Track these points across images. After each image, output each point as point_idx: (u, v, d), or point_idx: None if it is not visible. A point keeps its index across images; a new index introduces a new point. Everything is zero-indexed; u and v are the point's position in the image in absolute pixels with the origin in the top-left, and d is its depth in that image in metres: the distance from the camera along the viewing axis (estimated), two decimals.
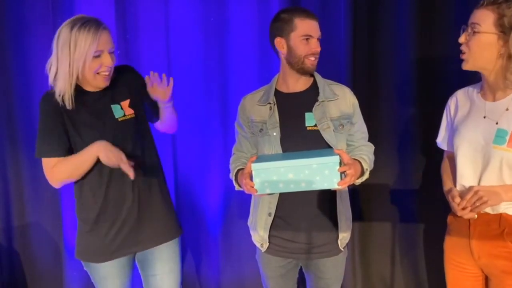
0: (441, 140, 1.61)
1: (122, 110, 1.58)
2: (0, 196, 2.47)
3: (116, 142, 1.50)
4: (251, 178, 1.37)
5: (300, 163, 1.31)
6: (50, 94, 1.51)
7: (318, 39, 1.55)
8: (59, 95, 1.48)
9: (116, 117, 1.56)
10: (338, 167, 1.30)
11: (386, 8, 2.13)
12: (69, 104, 1.48)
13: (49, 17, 2.28)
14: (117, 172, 1.52)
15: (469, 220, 1.44)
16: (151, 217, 1.62)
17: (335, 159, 1.30)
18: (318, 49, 1.54)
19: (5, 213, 2.48)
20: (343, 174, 1.35)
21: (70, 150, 1.53)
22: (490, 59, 1.35)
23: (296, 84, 1.61)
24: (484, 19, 1.32)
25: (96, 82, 1.51)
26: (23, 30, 2.33)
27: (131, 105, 1.60)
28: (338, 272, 1.68)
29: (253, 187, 1.36)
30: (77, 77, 1.48)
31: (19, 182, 2.46)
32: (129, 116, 1.59)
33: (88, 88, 1.55)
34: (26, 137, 2.40)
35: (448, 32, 2.06)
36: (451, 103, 1.56)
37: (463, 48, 1.38)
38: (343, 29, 2.15)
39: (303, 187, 1.32)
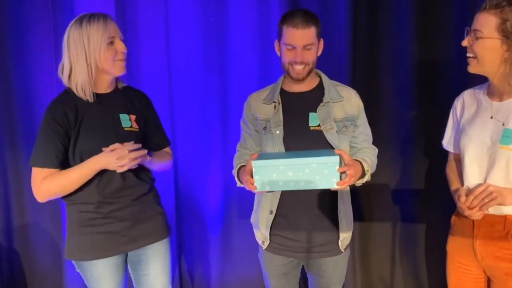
0: (447, 142, 1.60)
1: (130, 121, 1.60)
2: (0, 196, 2.47)
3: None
4: (251, 175, 1.38)
5: (300, 162, 1.31)
6: (54, 103, 1.53)
7: (305, 47, 1.50)
8: (82, 90, 1.51)
9: (123, 125, 1.58)
10: (337, 167, 1.30)
11: (386, 8, 2.13)
12: (90, 98, 1.52)
13: (49, 17, 2.28)
14: (110, 173, 1.52)
15: (473, 221, 1.43)
16: (144, 217, 1.63)
17: (335, 159, 1.30)
18: (299, 59, 1.50)
19: (5, 213, 2.48)
20: (343, 174, 1.35)
21: (63, 164, 1.53)
22: (493, 64, 1.33)
23: (301, 84, 1.61)
24: (487, 24, 1.30)
25: (115, 70, 1.53)
26: (23, 30, 2.32)
27: (136, 121, 1.63)
28: (339, 272, 1.69)
29: (253, 184, 1.37)
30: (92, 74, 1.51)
31: (19, 183, 2.45)
32: (134, 129, 1.61)
33: (99, 90, 1.57)
34: (26, 138, 2.40)
35: (449, 33, 2.06)
36: (458, 103, 1.55)
37: (468, 51, 1.37)
38: (343, 29, 2.15)
39: (302, 186, 1.33)
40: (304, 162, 1.31)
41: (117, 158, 1.44)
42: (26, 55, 2.34)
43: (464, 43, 1.37)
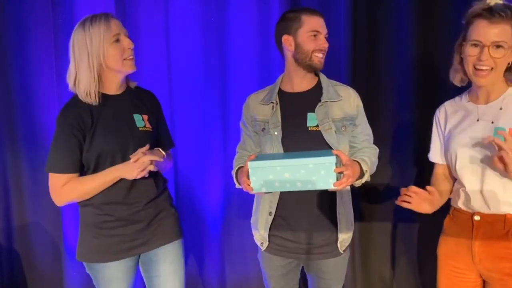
0: (433, 153, 1.60)
1: (143, 121, 1.60)
2: (0, 196, 2.47)
3: (134, 149, 1.51)
4: (248, 176, 1.37)
5: (297, 162, 1.31)
6: (67, 107, 1.53)
7: (325, 36, 1.56)
8: (86, 94, 1.49)
9: (137, 126, 1.58)
10: (334, 167, 1.29)
11: (386, 8, 2.13)
12: (95, 100, 1.49)
13: (49, 17, 2.28)
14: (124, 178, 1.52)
15: (472, 221, 1.43)
16: (157, 219, 1.64)
17: (331, 159, 1.30)
18: (326, 45, 1.56)
19: (5, 213, 2.48)
20: (340, 174, 1.34)
21: (81, 167, 1.54)
22: (503, 70, 1.37)
23: (301, 83, 1.61)
24: (507, 35, 1.31)
25: (125, 68, 1.52)
26: (23, 31, 2.32)
27: (149, 121, 1.63)
28: (339, 273, 1.68)
29: (249, 185, 1.36)
30: (99, 75, 1.49)
31: (19, 183, 2.45)
32: (148, 129, 1.61)
33: (110, 91, 1.56)
34: (26, 138, 2.40)
35: (449, 33, 2.06)
36: (440, 114, 1.56)
37: (485, 64, 1.33)
38: (343, 29, 2.14)
39: (299, 187, 1.32)
40: (301, 163, 1.31)
41: (139, 169, 1.44)
42: (26, 55, 2.34)
43: (484, 57, 1.32)
